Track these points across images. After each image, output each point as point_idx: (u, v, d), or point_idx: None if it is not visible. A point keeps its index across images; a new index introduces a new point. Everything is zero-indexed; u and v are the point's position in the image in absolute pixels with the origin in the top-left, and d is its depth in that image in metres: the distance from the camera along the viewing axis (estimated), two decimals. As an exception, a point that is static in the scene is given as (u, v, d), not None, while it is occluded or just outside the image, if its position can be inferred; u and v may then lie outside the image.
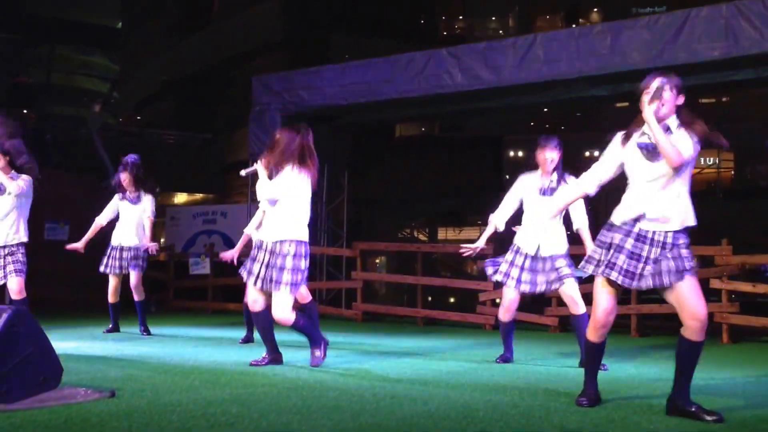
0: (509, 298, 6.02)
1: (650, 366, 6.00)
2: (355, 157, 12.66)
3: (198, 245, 13.48)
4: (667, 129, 4.01)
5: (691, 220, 4.01)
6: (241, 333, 8.80)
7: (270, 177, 5.55)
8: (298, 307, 6.50)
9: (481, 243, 6.04)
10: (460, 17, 28.20)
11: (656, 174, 4.01)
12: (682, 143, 3.96)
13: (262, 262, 5.51)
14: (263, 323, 5.68)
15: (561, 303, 9.38)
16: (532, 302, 12.20)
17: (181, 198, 23.54)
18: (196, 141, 17.49)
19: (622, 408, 4.13)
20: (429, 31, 25.03)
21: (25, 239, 7.11)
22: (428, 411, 3.99)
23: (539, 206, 5.86)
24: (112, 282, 8.22)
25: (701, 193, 20.46)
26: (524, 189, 6.00)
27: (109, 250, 8.17)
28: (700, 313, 3.90)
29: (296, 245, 5.49)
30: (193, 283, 12.30)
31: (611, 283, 4.07)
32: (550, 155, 5.86)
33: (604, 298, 4.11)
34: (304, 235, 5.56)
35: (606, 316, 4.12)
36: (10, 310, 4.04)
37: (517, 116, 21.90)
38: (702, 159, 20.71)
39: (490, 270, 6.14)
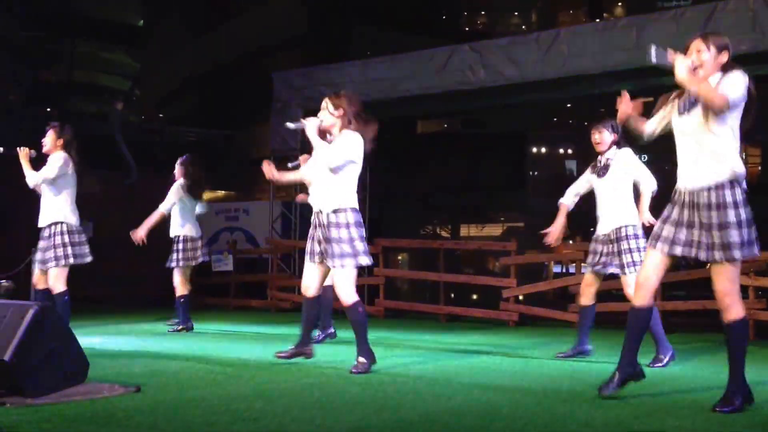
0: (585, 281, 6.11)
1: (675, 363, 5.93)
2: (376, 153, 12.58)
3: (221, 242, 13.53)
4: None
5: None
6: (264, 329, 8.83)
7: (323, 135, 5.26)
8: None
9: (556, 227, 6.12)
10: (483, 12, 28.11)
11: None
12: (727, 84, 3.89)
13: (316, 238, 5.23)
14: (314, 310, 5.43)
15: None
16: (554, 298, 12.16)
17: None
18: (218, 137, 17.55)
19: (646, 405, 4.08)
20: (451, 26, 24.94)
21: (62, 219, 6.51)
22: (451, 407, 3.97)
23: (597, 187, 6.02)
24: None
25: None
26: (588, 172, 6.16)
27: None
28: None
29: (353, 213, 5.21)
30: (215, 280, 12.35)
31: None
32: (596, 137, 6.04)
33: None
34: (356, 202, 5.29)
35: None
36: (36, 306, 4.08)
37: (541, 112, 21.79)
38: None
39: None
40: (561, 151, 27.57)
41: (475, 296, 14.11)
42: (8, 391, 3.90)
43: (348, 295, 5.15)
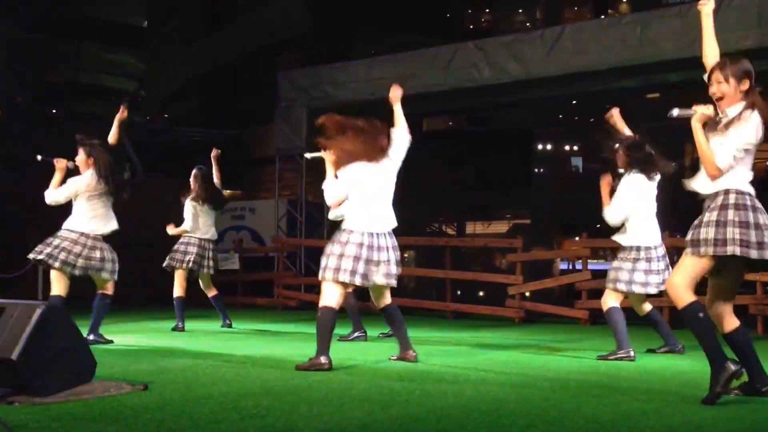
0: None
1: (682, 358, 5.94)
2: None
3: (227, 241, 13.55)
4: (726, 123, 4.01)
5: None
6: (270, 327, 8.85)
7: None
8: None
9: None
10: (487, 10, 28.04)
11: None
12: (723, 149, 3.99)
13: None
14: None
15: (590, 296, 9.31)
16: (561, 295, 12.14)
17: (209, 194, 23.50)
18: (222, 137, 17.54)
19: (654, 400, 4.08)
20: (455, 24, 24.89)
21: (65, 226, 6.70)
22: (459, 403, 3.97)
23: None
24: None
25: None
26: None
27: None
28: None
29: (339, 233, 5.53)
30: (222, 279, 12.36)
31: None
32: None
33: None
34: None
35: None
36: (44, 306, 4.09)
37: (546, 109, 21.71)
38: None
39: None
40: (566, 148, 27.48)
41: (481, 293, 14.06)
42: (16, 390, 3.92)
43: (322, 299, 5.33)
